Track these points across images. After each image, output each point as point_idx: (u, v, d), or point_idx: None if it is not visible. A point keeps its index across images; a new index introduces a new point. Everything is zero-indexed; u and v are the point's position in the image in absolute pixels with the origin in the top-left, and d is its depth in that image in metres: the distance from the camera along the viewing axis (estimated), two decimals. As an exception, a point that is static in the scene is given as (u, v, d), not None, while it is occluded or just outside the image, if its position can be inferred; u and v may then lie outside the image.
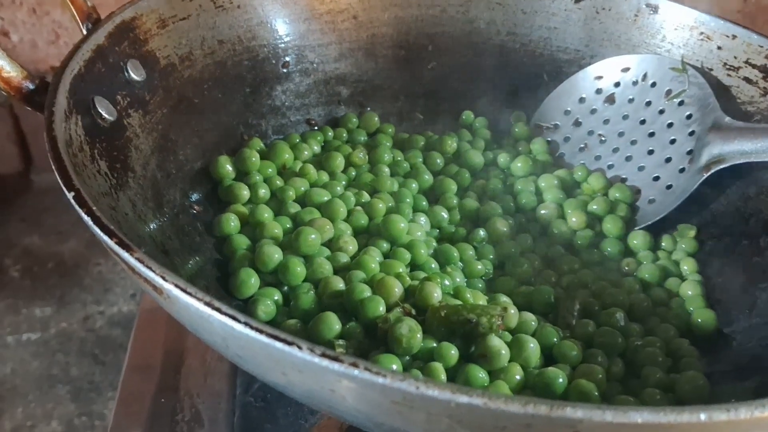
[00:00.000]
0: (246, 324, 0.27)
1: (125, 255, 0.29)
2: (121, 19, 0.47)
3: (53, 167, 0.34)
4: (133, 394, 0.49)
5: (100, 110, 0.42)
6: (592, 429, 0.25)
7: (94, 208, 0.31)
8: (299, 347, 0.26)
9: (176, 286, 0.28)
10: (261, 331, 0.26)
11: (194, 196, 0.49)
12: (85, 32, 0.46)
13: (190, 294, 0.27)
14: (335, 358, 0.25)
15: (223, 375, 0.51)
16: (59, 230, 0.97)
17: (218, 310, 0.27)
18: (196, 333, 0.32)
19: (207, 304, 0.27)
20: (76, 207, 0.31)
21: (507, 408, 0.24)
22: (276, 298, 0.43)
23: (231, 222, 0.47)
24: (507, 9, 0.62)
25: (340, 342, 0.38)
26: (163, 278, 0.28)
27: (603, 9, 0.60)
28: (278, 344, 0.26)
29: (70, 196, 0.32)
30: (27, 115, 0.98)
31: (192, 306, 0.28)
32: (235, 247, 0.46)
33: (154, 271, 0.28)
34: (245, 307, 0.43)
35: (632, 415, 0.25)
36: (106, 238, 0.29)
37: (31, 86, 0.40)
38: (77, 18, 0.47)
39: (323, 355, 0.25)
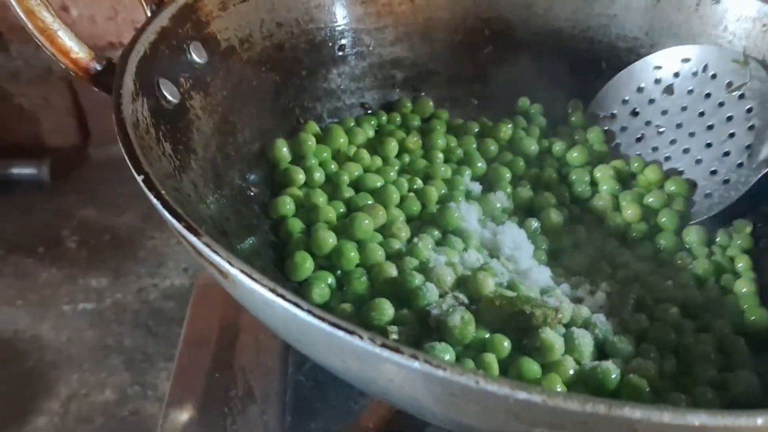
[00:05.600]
0: (309, 312, 0.27)
1: (192, 239, 0.30)
2: (184, 2, 0.47)
3: (123, 150, 0.34)
4: (188, 369, 0.51)
5: (164, 92, 0.43)
6: (649, 429, 0.25)
7: (163, 191, 0.32)
8: (360, 336, 0.26)
9: (242, 272, 0.28)
10: (323, 320, 0.27)
11: (251, 178, 0.50)
12: (149, 14, 0.47)
13: (255, 280, 0.28)
14: (395, 349, 0.26)
15: (275, 353, 0.52)
16: (115, 203, 1.00)
17: (282, 296, 0.28)
18: (257, 316, 0.33)
19: (272, 290, 0.28)
20: (146, 190, 0.32)
21: (566, 406, 0.25)
22: (330, 281, 0.44)
23: (287, 205, 0.48)
24: (566, -6, 0.61)
25: (393, 328, 0.39)
26: (230, 263, 0.29)
27: (664, -3, 0.59)
28: (340, 333, 0.27)
29: (139, 179, 0.32)
30: (86, 89, 1.00)
31: (257, 292, 0.28)
32: (290, 229, 0.47)
33: (220, 256, 0.29)
34: (299, 290, 0.44)
35: (690, 417, 0.25)
36: (174, 221, 0.30)
37: (98, 67, 0.41)
38: (146, 1, 0.48)
39: (383, 346, 0.26)
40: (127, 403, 0.75)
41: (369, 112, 0.60)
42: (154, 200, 0.31)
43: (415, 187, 0.52)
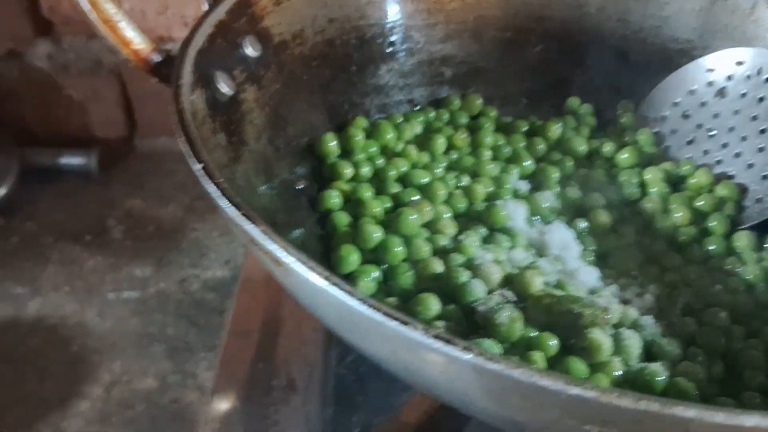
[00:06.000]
0: (362, 301, 0.28)
1: (249, 227, 0.30)
2: (240, -4, 0.48)
3: (181, 139, 0.35)
4: (233, 358, 0.51)
5: (221, 84, 0.44)
6: (701, 429, 0.25)
7: (221, 180, 0.32)
8: (414, 327, 0.26)
9: (298, 260, 0.29)
10: (377, 309, 0.27)
11: (300, 171, 0.50)
12: (206, 7, 0.48)
13: (311, 269, 0.28)
14: (448, 341, 0.26)
15: (317, 345, 0.53)
16: (160, 195, 1.01)
17: (337, 285, 0.28)
18: (308, 306, 0.34)
19: (326, 278, 0.28)
20: (204, 179, 0.32)
21: (619, 403, 0.24)
22: (376, 275, 0.44)
23: (333, 198, 0.48)
24: (619, -5, 0.61)
25: (439, 323, 0.39)
26: (286, 251, 0.29)
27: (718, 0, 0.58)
28: (393, 323, 0.27)
29: (198, 167, 0.33)
30: (134, 82, 1.02)
31: (310, 281, 0.29)
32: (336, 223, 0.47)
33: (277, 244, 0.29)
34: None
35: (744, 418, 0.25)
36: (232, 210, 0.31)
37: (158, 59, 0.42)
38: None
39: (437, 337, 0.26)
40: (168, 391, 0.76)
41: (417, 108, 0.60)
42: (213, 189, 0.32)
43: (462, 183, 0.52)
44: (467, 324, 0.40)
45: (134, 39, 0.41)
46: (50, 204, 1.01)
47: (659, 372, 0.37)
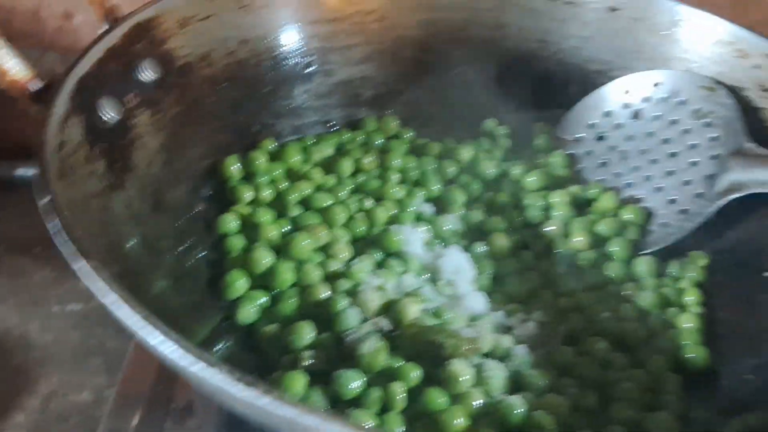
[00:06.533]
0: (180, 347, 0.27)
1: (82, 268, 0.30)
2: (140, 19, 0.48)
3: (36, 172, 0.35)
4: (134, 379, 0.52)
5: (105, 111, 0.43)
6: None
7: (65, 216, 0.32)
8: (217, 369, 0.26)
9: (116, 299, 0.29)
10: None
11: (200, 194, 0.50)
12: (104, 28, 0.48)
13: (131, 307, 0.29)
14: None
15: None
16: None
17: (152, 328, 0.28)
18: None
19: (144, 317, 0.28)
20: (48, 216, 0.32)
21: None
22: (262, 301, 0.44)
23: (230, 222, 0.48)
24: (540, 15, 0.60)
25: (307, 353, 0.39)
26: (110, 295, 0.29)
27: (638, 19, 0.58)
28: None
29: (42, 201, 0.33)
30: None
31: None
32: (230, 247, 0.47)
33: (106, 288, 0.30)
34: (232, 307, 0.44)
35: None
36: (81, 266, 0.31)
37: (38, 86, 0.42)
38: (97, 16, 0.49)
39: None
40: (103, 405, 0.76)
41: (333, 129, 0.60)
42: (55, 228, 0.32)
43: (365, 206, 0.52)
44: (338, 353, 0.40)
45: (12, 69, 0.41)
46: (3, 216, 1.01)
47: (516, 405, 0.37)
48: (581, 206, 0.54)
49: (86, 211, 0.38)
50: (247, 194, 0.51)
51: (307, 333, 0.40)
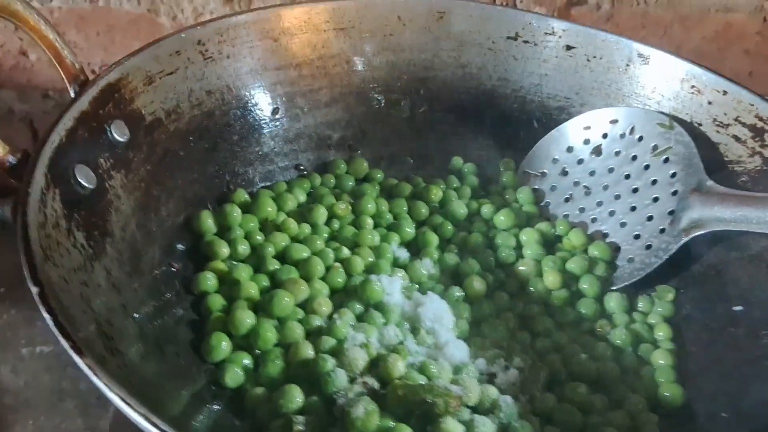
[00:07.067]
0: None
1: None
2: (107, 82, 0.47)
3: (23, 258, 0.35)
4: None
5: (80, 179, 0.43)
6: None
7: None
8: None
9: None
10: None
11: (175, 252, 0.50)
12: (72, 95, 0.47)
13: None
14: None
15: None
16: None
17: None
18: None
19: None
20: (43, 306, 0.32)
21: None
22: (246, 362, 0.44)
23: (208, 280, 0.48)
24: (498, 54, 0.62)
25: (299, 418, 0.40)
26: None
27: (594, 57, 0.60)
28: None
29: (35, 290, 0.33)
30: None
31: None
32: (210, 307, 0.47)
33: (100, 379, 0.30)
34: (216, 371, 0.44)
35: None
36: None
37: (14, 161, 0.42)
38: (66, 79, 0.48)
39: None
40: (78, 451, 0.75)
41: (304, 173, 0.60)
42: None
43: (341, 256, 0.52)
44: (328, 417, 0.40)
45: (-12, 145, 0.41)
46: (-39, 257, 0.98)
47: (508, 459, 0.38)
48: (551, 243, 0.56)
49: (70, 288, 0.38)
50: (224, 249, 0.50)
51: (297, 396, 0.41)
